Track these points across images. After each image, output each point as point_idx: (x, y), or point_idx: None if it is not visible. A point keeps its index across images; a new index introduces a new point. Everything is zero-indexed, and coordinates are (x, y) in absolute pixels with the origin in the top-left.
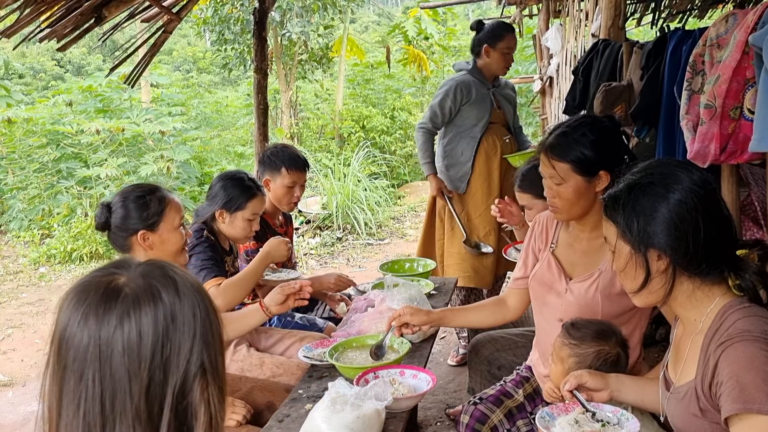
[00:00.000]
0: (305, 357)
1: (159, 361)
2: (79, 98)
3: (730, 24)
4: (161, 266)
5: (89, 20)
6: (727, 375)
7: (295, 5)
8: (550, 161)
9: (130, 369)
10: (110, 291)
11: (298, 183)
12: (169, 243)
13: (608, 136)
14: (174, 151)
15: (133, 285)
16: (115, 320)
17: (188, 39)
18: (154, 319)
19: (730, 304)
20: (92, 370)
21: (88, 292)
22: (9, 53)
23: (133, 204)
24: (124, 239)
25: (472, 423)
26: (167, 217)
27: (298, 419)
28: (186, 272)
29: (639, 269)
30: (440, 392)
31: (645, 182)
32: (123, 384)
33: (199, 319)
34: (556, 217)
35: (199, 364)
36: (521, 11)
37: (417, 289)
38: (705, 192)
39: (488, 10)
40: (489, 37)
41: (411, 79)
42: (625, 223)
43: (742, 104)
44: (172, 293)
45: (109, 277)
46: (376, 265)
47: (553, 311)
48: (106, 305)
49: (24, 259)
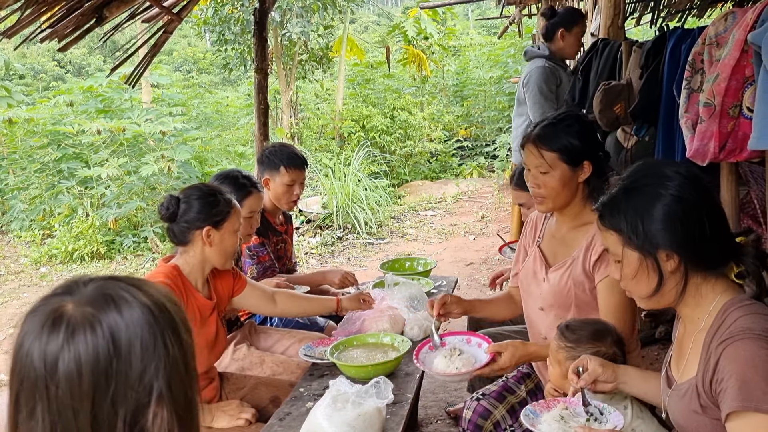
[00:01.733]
0: (306, 356)
1: (103, 392)
2: (79, 98)
3: (729, 22)
4: (111, 289)
5: (90, 21)
6: (728, 373)
7: (295, 5)
8: (539, 150)
9: (74, 402)
10: (55, 319)
11: (297, 181)
12: (226, 244)
13: (591, 129)
14: (175, 151)
15: (76, 312)
16: (57, 350)
17: (189, 39)
18: (93, 348)
19: (732, 302)
20: (40, 404)
21: (37, 319)
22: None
23: (205, 200)
24: (187, 232)
25: (475, 418)
26: (232, 218)
27: (300, 417)
28: (150, 288)
29: (651, 273)
30: (441, 390)
31: (639, 185)
32: (68, 418)
33: (153, 342)
34: (541, 208)
35: (153, 392)
36: (521, 11)
37: (417, 287)
38: (698, 184)
39: (487, 10)
40: (565, 21)
41: (411, 79)
42: (630, 229)
43: (741, 102)
44: (117, 319)
45: (57, 302)
46: (376, 264)
47: (535, 300)
48: (50, 335)
49: (25, 259)
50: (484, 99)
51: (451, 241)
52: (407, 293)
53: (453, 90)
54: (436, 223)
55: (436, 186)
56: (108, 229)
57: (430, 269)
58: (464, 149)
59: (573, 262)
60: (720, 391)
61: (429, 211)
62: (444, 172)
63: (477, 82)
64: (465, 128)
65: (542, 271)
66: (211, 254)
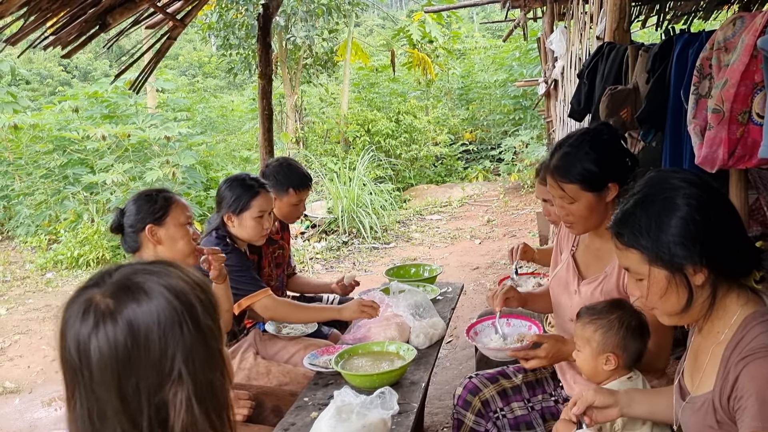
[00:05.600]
0: (311, 364)
1: (127, 378)
2: (85, 104)
3: (737, 27)
4: (132, 278)
5: (94, 27)
6: (748, 391)
7: (300, 10)
8: (558, 183)
9: (104, 387)
10: (86, 309)
11: (303, 200)
12: (177, 238)
13: (610, 148)
14: (179, 156)
15: (101, 304)
16: (86, 339)
17: (193, 44)
18: (114, 338)
19: (753, 316)
20: (78, 389)
21: (74, 309)
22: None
23: (141, 201)
24: (134, 237)
25: (465, 394)
26: (173, 212)
27: (304, 428)
28: (171, 273)
29: (681, 289)
30: (447, 398)
31: (653, 199)
32: (101, 402)
33: (170, 328)
34: (573, 232)
35: (173, 373)
36: (525, 14)
37: (423, 295)
38: (711, 192)
39: (492, 13)
40: None
41: (416, 83)
42: (654, 246)
43: (751, 108)
44: (135, 309)
45: (89, 294)
46: (381, 269)
47: (565, 311)
48: (82, 324)
49: (31, 264)
50: (490, 102)
51: (457, 245)
52: (413, 301)
53: (458, 93)
54: (441, 227)
55: (442, 190)
56: (113, 234)
57: (435, 275)
58: (469, 153)
59: (606, 278)
60: (738, 408)
61: (434, 215)
62: (449, 176)
63: (482, 86)
64: (470, 132)
65: (574, 282)
66: (164, 253)
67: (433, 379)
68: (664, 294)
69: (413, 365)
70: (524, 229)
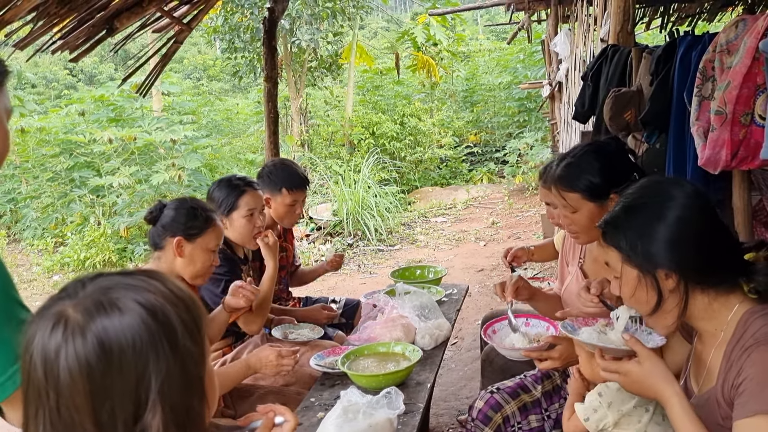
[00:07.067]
0: (317, 365)
1: (101, 400)
2: (91, 108)
3: (740, 30)
4: (107, 292)
5: (101, 31)
6: (749, 376)
7: (304, 13)
8: (561, 193)
9: (72, 408)
10: (55, 323)
11: (298, 201)
12: (197, 260)
13: (614, 159)
14: (185, 159)
15: (71, 318)
16: (54, 355)
17: (199, 47)
18: (83, 355)
19: (753, 311)
20: (41, 408)
21: (43, 321)
22: (22, 63)
23: (183, 210)
24: (162, 238)
25: (486, 409)
26: (207, 235)
27: (311, 428)
28: (150, 289)
29: (650, 291)
30: (452, 399)
31: (639, 203)
32: (68, 424)
33: (145, 350)
34: (578, 241)
35: (149, 399)
36: (530, 16)
37: (428, 297)
38: (700, 204)
39: (496, 15)
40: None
41: (420, 85)
42: (629, 247)
43: (753, 110)
44: (106, 326)
45: (59, 305)
46: (386, 271)
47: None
48: (51, 337)
49: (38, 267)
50: (494, 104)
51: (462, 247)
52: (418, 302)
53: (462, 96)
54: (446, 229)
55: (446, 192)
56: (119, 237)
57: (440, 277)
58: (474, 155)
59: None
60: (738, 393)
61: (439, 218)
62: (454, 178)
63: (486, 88)
64: (475, 134)
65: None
66: (180, 266)
67: (438, 380)
68: (634, 293)
69: (419, 366)
70: (529, 231)
